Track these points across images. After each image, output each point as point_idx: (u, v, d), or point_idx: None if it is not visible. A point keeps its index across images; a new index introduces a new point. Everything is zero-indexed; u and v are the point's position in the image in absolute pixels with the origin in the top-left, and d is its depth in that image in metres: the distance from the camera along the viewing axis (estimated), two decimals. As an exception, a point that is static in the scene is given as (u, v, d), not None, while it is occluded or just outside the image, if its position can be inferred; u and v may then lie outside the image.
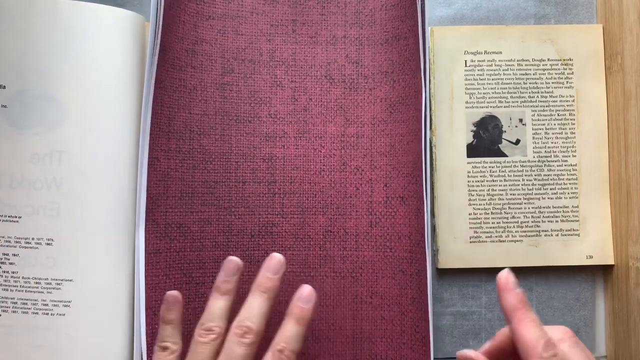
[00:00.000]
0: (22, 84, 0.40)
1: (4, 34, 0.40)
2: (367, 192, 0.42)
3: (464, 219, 0.45)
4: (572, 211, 0.46)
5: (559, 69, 0.47)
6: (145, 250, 0.40)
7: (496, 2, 0.48)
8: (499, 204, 0.46)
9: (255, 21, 0.44)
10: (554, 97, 0.46)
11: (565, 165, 0.46)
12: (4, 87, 0.40)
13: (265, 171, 0.43)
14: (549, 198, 0.46)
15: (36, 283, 0.39)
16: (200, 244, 0.41)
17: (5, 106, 0.40)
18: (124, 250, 0.40)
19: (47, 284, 0.39)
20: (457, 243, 0.45)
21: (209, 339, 0.33)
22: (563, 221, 0.46)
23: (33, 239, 0.40)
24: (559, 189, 0.46)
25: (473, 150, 0.46)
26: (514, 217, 0.46)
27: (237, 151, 0.43)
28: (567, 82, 0.46)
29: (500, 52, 0.47)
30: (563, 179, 0.46)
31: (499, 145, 0.46)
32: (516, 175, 0.46)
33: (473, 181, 0.46)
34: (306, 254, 0.42)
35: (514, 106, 0.46)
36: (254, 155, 0.43)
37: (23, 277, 0.39)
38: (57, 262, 0.39)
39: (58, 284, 0.39)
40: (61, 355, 0.39)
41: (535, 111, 0.46)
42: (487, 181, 0.46)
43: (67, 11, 0.40)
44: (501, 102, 0.46)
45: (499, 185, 0.46)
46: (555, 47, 0.47)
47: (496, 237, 0.45)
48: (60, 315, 0.39)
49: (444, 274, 0.46)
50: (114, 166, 0.40)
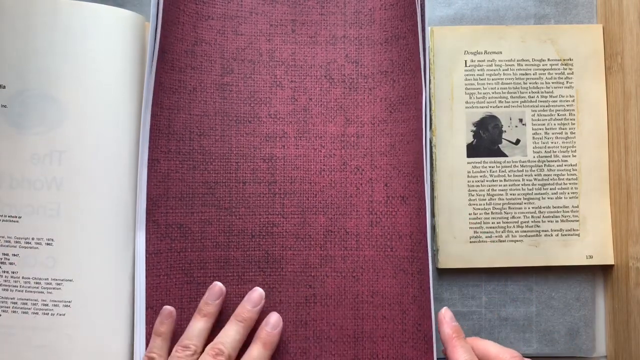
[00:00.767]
0: (22, 84, 0.40)
1: (4, 34, 0.40)
2: (367, 192, 0.42)
3: (464, 219, 0.45)
4: (572, 211, 0.46)
5: (559, 69, 0.47)
6: (147, 251, 0.40)
7: (496, 2, 0.48)
8: (499, 204, 0.46)
9: (255, 21, 0.44)
10: (554, 97, 0.46)
11: (565, 165, 0.46)
12: (4, 87, 0.40)
13: (266, 171, 0.43)
14: (549, 198, 0.46)
15: (36, 283, 0.39)
16: (201, 244, 0.42)
17: (5, 106, 0.40)
18: (124, 250, 0.40)
19: (47, 284, 0.39)
20: (457, 243, 0.45)
21: (184, 355, 0.37)
22: (563, 221, 0.46)
23: (33, 239, 0.39)
24: (559, 189, 0.46)
25: (473, 150, 0.46)
26: (514, 217, 0.46)
27: (237, 152, 0.43)
28: (567, 82, 0.46)
29: (500, 52, 0.47)
30: (563, 179, 0.46)
31: (499, 145, 0.46)
32: (516, 175, 0.46)
33: (473, 181, 0.46)
34: (307, 254, 0.42)
35: (514, 106, 0.46)
36: (254, 156, 0.43)
37: (23, 277, 0.39)
38: (57, 262, 0.39)
39: (58, 284, 0.39)
40: (61, 355, 0.39)
41: (535, 111, 0.46)
42: (487, 181, 0.46)
43: (67, 11, 0.40)
44: (501, 102, 0.46)
45: (499, 185, 0.46)
46: (555, 47, 0.47)
47: (496, 237, 0.45)
48: (61, 315, 0.39)
49: (444, 274, 0.46)
50: (114, 166, 0.40)
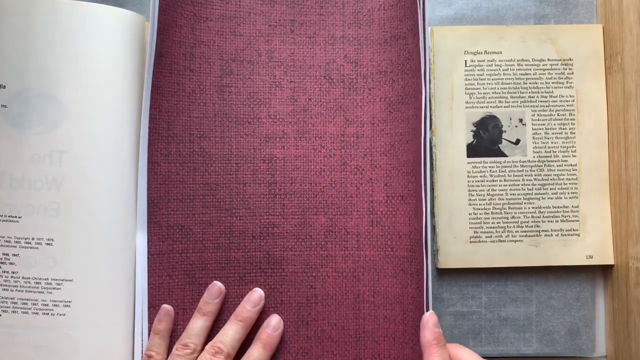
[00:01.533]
0: (22, 83, 0.40)
1: (4, 33, 0.40)
2: (367, 192, 0.42)
3: (464, 219, 0.45)
4: (572, 211, 0.46)
5: (559, 69, 0.47)
6: (149, 252, 0.40)
7: (496, 2, 0.48)
8: (499, 204, 0.46)
9: (253, 22, 0.44)
10: (554, 97, 0.46)
11: (565, 165, 0.46)
12: (4, 87, 0.40)
13: (266, 172, 0.43)
14: (549, 198, 0.46)
15: (36, 283, 0.39)
16: (202, 245, 0.42)
17: (5, 106, 0.40)
18: (124, 250, 0.40)
19: (47, 284, 0.39)
20: (457, 243, 0.45)
21: (184, 353, 0.37)
22: (563, 221, 0.46)
23: (33, 239, 0.39)
24: (559, 189, 0.46)
25: (473, 150, 0.46)
26: (514, 217, 0.46)
27: (237, 153, 0.43)
28: (567, 82, 0.46)
29: (500, 52, 0.47)
30: (563, 179, 0.46)
31: (499, 145, 0.46)
32: (516, 175, 0.46)
33: (473, 181, 0.46)
34: (308, 254, 0.42)
35: (514, 106, 0.46)
36: (254, 157, 0.43)
37: (23, 277, 0.39)
38: (57, 262, 0.39)
39: (58, 284, 0.39)
40: (62, 355, 0.39)
41: (535, 111, 0.46)
42: (487, 181, 0.46)
43: (67, 11, 0.40)
44: (501, 102, 0.46)
45: (499, 185, 0.46)
46: (555, 47, 0.47)
47: (496, 237, 0.45)
48: (61, 315, 0.39)
49: (444, 274, 0.46)
50: (114, 166, 0.40)
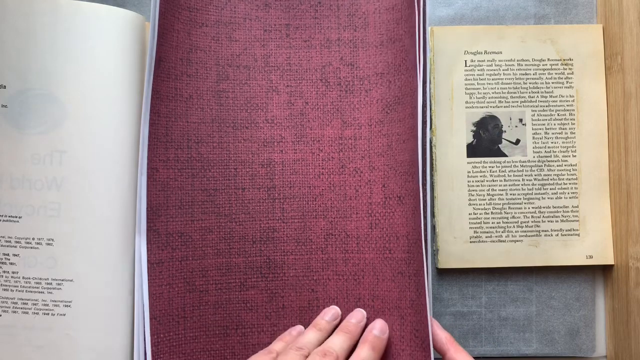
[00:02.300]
0: (23, 83, 0.40)
1: (4, 33, 0.40)
2: (366, 194, 0.42)
3: (464, 219, 0.45)
4: (572, 211, 0.46)
5: (559, 69, 0.47)
6: (148, 261, 0.40)
7: (496, 2, 0.48)
8: (499, 204, 0.46)
9: (249, 27, 0.44)
10: (554, 97, 0.46)
11: (565, 165, 0.46)
12: (4, 87, 0.40)
13: (264, 177, 0.43)
14: (549, 198, 0.46)
15: (36, 283, 0.39)
16: (202, 252, 0.41)
17: (5, 106, 0.40)
18: (124, 250, 0.40)
19: (48, 284, 0.39)
20: (457, 243, 0.45)
21: (300, 353, 0.36)
22: (563, 221, 0.46)
23: (33, 239, 0.40)
24: (559, 189, 0.46)
25: (473, 150, 0.46)
26: (514, 217, 0.46)
27: (235, 158, 0.42)
28: (567, 82, 0.46)
29: (500, 52, 0.47)
30: (563, 179, 0.46)
31: (499, 145, 0.46)
32: (516, 175, 0.46)
33: (473, 181, 0.46)
34: (308, 258, 0.42)
35: (514, 106, 0.46)
36: (252, 161, 0.43)
37: (23, 277, 0.39)
38: (58, 262, 0.39)
39: (58, 284, 0.39)
40: (62, 355, 0.39)
41: (535, 111, 0.46)
42: (487, 181, 0.46)
43: (67, 11, 0.40)
44: (501, 102, 0.46)
45: (499, 185, 0.46)
46: (555, 47, 0.47)
47: (496, 237, 0.45)
48: (61, 315, 0.39)
49: (444, 274, 0.46)
50: (114, 166, 0.40)
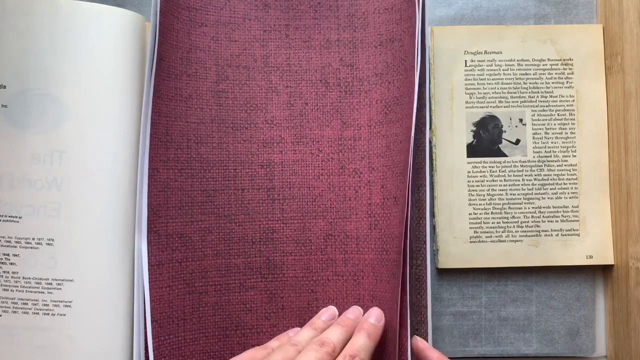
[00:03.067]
0: (23, 83, 0.40)
1: (4, 33, 0.40)
2: (366, 195, 0.42)
3: (464, 219, 0.45)
4: (572, 211, 0.46)
5: (559, 69, 0.47)
6: (149, 263, 0.39)
7: (496, 2, 0.48)
8: (499, 204, 0.46)
9: (248, 27, 0.44)
10: (554, 97, 0.46)
11: (565, 165, 0.46)
12: (4, 87, 0.40)
13: (264, 177, 0.42)
14: (549, 198, 0.46)
15: (37, 283, 0.39)
16: (202, 253, 0.41)
17: (5, 106, 0.40)
18: (124, 250, 0.40)
19: (48, 284, 0.39)
20: (457, 243, 0.45)
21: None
22: (563, 221, 0.46)
23: (33, 239, 0.40)
24: (559, 189, 0.46)
25: (473, 150, 0.46)
26: (514, 217, 0.46)
27: (234, 158, 0.42)
28: (567, 82, 0.46)
29: (500, 52, 0.47)
30: (563, 179, 0.46)
31: (499, 145, 0.46)
32: (516, 175, 0.46)
33: (473, 181, 0.46)
34: (308, 259, 0.42)
35: (514, 106, 0.46)
36: (252, 162, 0.42)
37: (23, 277, 0.39)
38: (58, 262, 0.39)
39: (59, 284, 0.39)
40: (62, 356, 0.39)
41: (535, 111, 0.46)
42: (487, 181, 0.46)
43: (67, 11, 0.40)
44: (501, 102, 0.46)
45: (499, 185, 0.46)
46: (555, 47, 0.47)
47: (496, 237, 0.46)
48: (61, 315, 0.39)
49: (444, 274, 0.46)
50: (114, 165, 0.40)
